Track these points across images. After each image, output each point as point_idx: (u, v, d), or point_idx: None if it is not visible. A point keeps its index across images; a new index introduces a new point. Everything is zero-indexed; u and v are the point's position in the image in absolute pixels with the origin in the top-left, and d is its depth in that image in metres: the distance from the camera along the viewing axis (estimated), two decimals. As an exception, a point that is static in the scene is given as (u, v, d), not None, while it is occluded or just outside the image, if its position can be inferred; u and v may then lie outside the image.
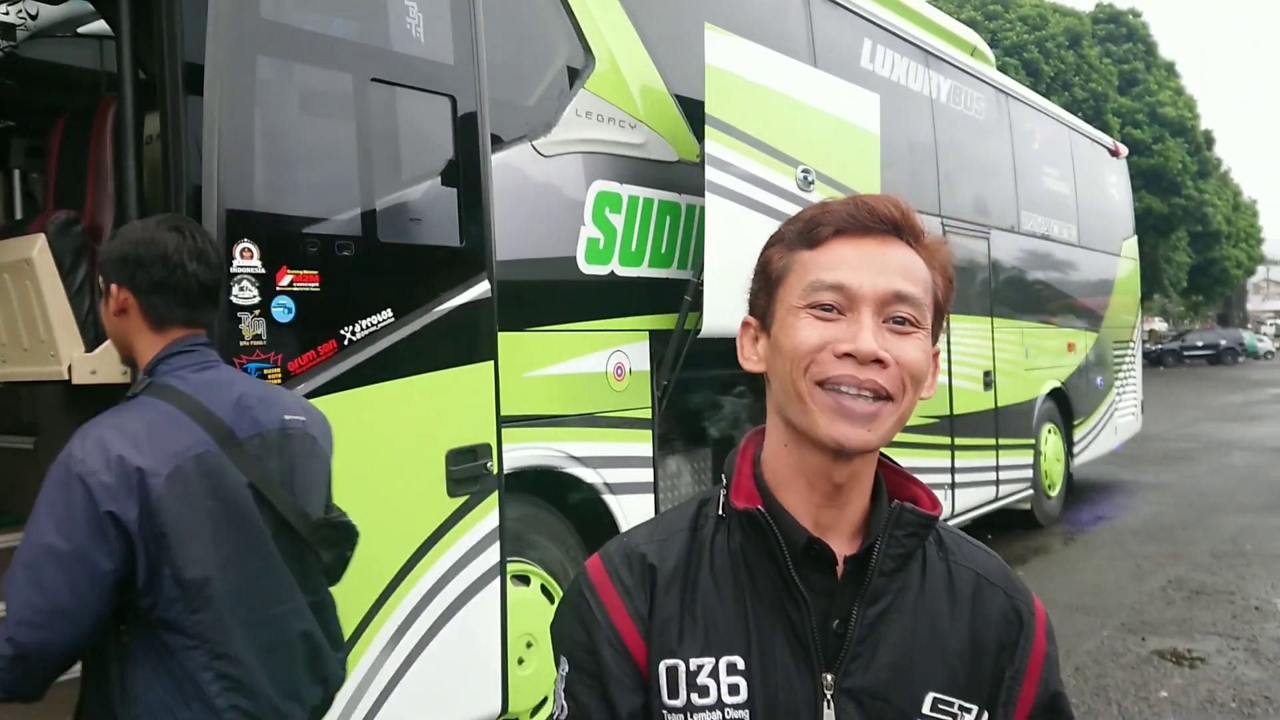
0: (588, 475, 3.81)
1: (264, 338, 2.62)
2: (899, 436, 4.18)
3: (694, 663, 1.02)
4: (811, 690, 1.00)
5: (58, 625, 1.71)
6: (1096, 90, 27.97)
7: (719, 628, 1.03)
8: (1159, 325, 54.36)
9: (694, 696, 1.01)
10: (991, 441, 7.14)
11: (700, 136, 4.13)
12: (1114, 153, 10.15)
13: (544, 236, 3.68)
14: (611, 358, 3.94)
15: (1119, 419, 9.98)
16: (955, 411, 6.58)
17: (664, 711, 1.01)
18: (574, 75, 3.90)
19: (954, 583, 1.08)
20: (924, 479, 4.70)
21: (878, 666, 1.01)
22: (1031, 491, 7.90)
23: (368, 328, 2.86)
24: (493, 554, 3.18)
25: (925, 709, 1.02)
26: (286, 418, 2.10)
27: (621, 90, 4.07)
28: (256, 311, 2.61)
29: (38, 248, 2.78)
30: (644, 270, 4.10)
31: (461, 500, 3.08)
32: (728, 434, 4.51)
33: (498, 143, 3.42)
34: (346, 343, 2.80)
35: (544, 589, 3.64)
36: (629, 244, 4.03)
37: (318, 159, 2.89)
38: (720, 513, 1.09)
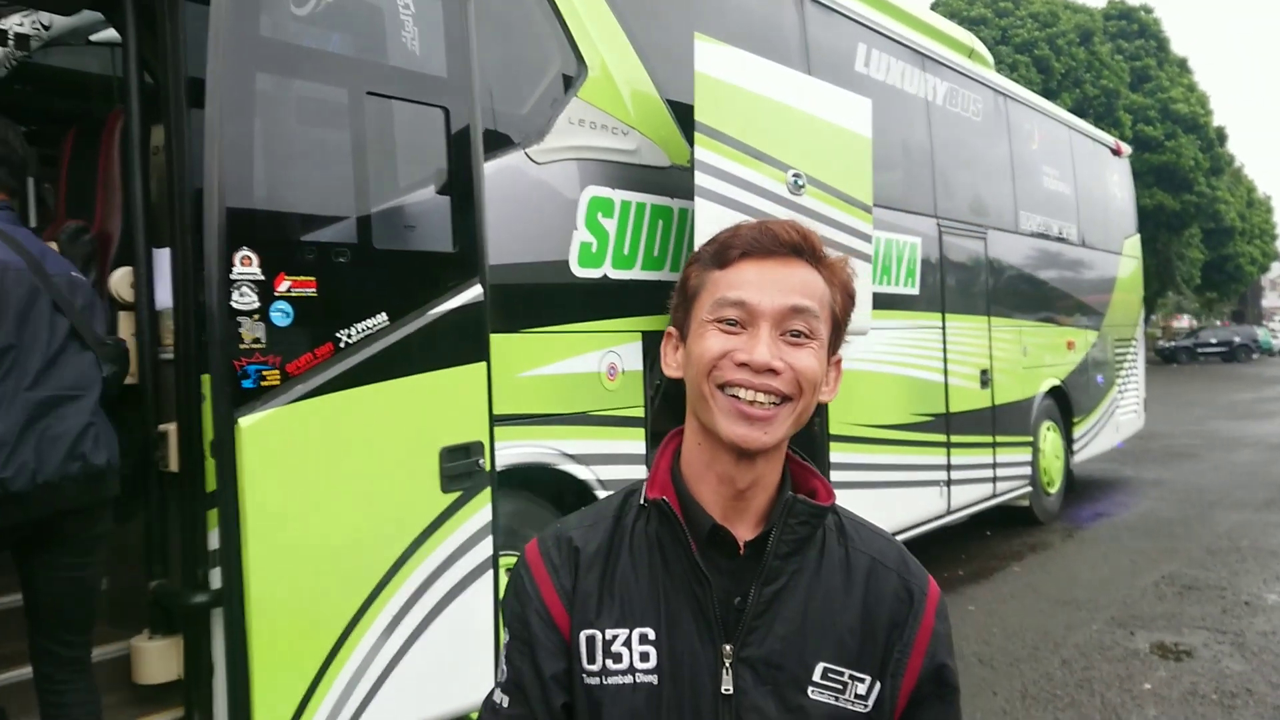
0: (581, 472, 3.93)
1: (263, 341, 2.75)
2: (894, 434, 4.39)
3: (609, 633, 1.16)
4: (713, 659, 1.14)
5: None
6: (1108, 87, 27.92)
7: (633, 602, 1.17)
8: (1183, 322, 54.09)
9: (609, 662, 1.15)
10: (989, 439, 7.23)
11: (691, 141, 4.24)
12: (1116, 152, 10.21)
13: (538, 241, 3.80)
14: (604, 358, 4.06)
15: (1120, 416, 10.04)
16: (951, 409, 6.67)
17: (583, 675, 1.16)
18: (567, 83, 4.02)
19: (850, 566, 1.21)
20: (919, 476, 4.90)
21: (772, 638, 1.15)
22: (1030, 489, 7.98)
23: (363, 331, 2.98)
24: (486, 547, 3.31)
25: (816, 677, 1.15)
26: (73, 273, 2.74)
27: (613, 97, 4.19)
28: (256, 316, 2.74)
29: (50, 256, 2.91)
30: (636, 273, 4.22)
31: (455, 496, 3.21)
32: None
33: (492, 150, 3.54)
34: (343, 345, 2.93)
35: (538, 582, 3.76)
36: (621, 248, 4.15)
37: (315, 169, 3.02)
38: (642, 502, 1.23)
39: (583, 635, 1.17)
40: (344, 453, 2.94)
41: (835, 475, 5.34)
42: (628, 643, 1.15)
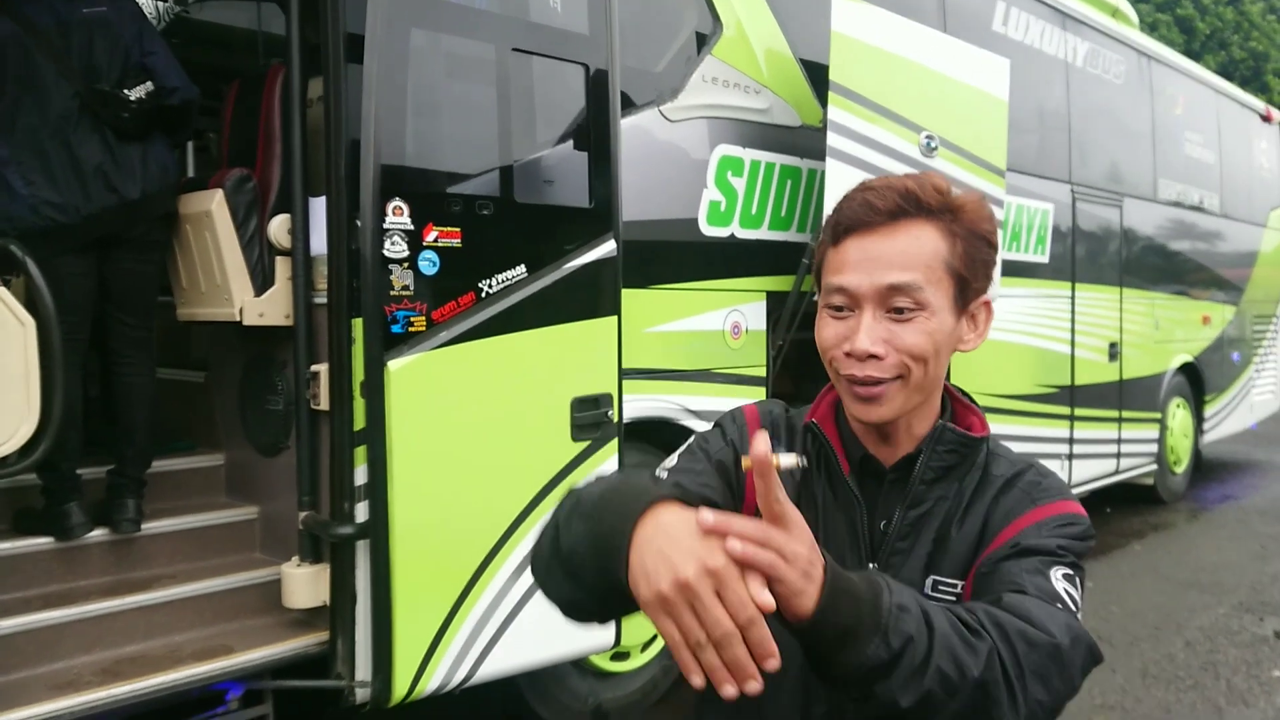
0: (702, 428, 3.98)
1: (411, 288, 2.88)
2: (1016, 405, 4.33)
3: None
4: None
5: None
6: (1257, 49, 26.30)
7: (807, 508, 1.22)
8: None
9: None
10: (1114, 414, 7.02)
11: (824, 102, 4.21)
12: (1266, 118, 9.67)
13: (668, 198, 3.84)
14: (729, 316, 4.09)
15: (1256, 397, 9.60)
16: (1076, 382, 6.50)
17: None
18: (701, 41, 4.03)
19: (986, 489, 1.22)
20: (1039, 449, 4.83)
21: (914, 561, 1.20)
22: (1155, 467, 7.73)
23: (503, 282, 3.09)
24: (611, 496, 3.40)
25: (927, 589, 1.19)
26: (84, 10, 3.04)
27: (747, 56, 4.18)
28: (405, 264, 2.86)
29: (216, 201, 3.09)
30: (763, 233, 4.22)
31: (584, 445, 3.31)
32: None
33: (627, 108, 3.59)
34: (484, 295, 3.04)
35: (657, 533, 3.85)
36: (749, 207, 4.16)
37: (462, 123, 3.12)
38: (805, 424, 1.31)
39: None
40: (483, 398, 3.06)
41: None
42: None
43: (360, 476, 2.90)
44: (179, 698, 2.85)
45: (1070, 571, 1.13)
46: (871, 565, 1.20)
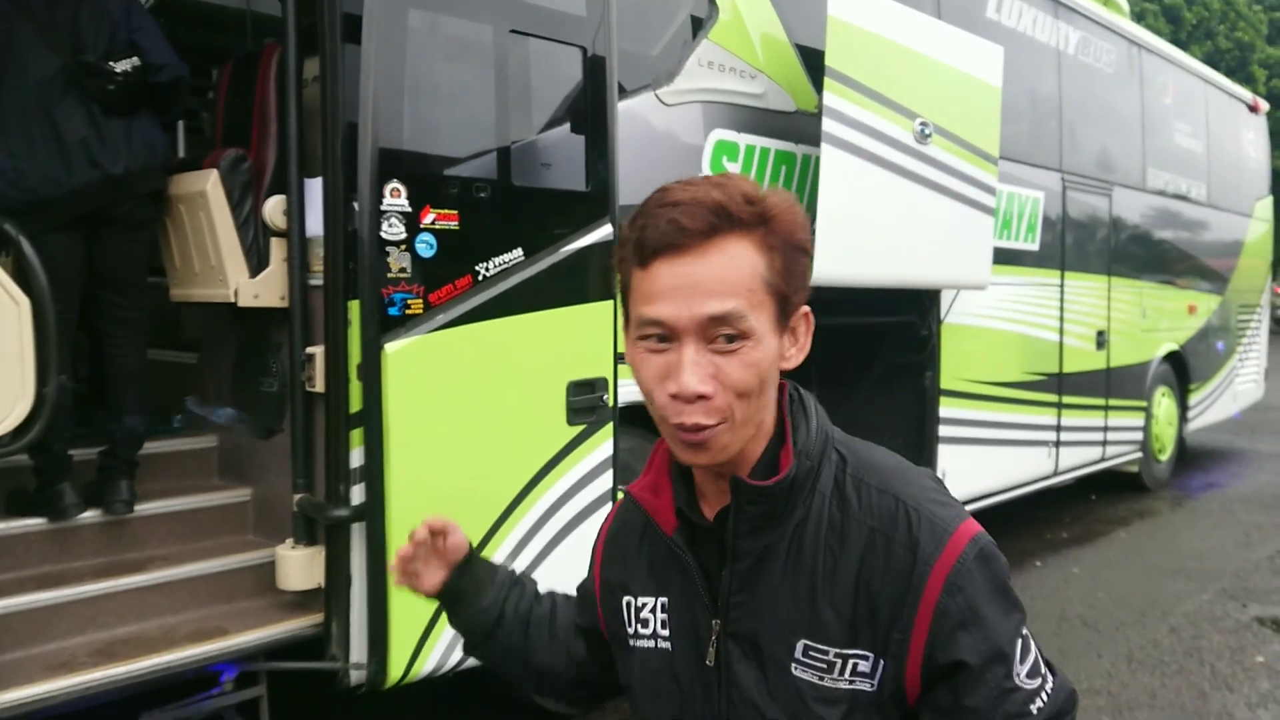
0: (696, 413, 3.99)
1: (408, 271, 2.87)
2: (1005, 392, 4.34)
3: (640, 600, 1.26)
4: (709, 631, 1.17)
5: None
6: (1242, 39, 26.45)
7: (655, 571, 1.25)
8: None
9: (639, 627, 1.26)
10: (1101, 402, 7.07)
11: (819, 87, 4.20)
12: (1253, 109, 9.71)
13: (663, 182, 3.82)
14: (723, 302, 4.09)
15: (1239, 385, 9.68)
16: (1064, 370, 6.54)
17: (629, 637, 1.28)
18: (697, 25, 4.02)
19: (844, 537, 1.11)
20: (1027, 436, 4.85)
21: (749, 615, 1.13)
22: (1140, 454, 7.79)
23: (500, 265, 3.08)
24: (606, 480, 3.41)
25: (798, 654, 1.11)
26: None
27: (743, 40, 4.17)
28: (402, 246, 2.85)
29: (211, 182, 3.07)
30: (758, 218, 4.21)
31: (579, 429, 3.31)
32: (834, 379, 4.63)
33: (622, 91, 3.57)
34: (481, 278, 3.03)
35: (650, 517, 3.86)
36: (744, 192, 4.14)
37: (460, 106, 3.10)
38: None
39: (624, 602, 1.28)
40: (479, 382, 3.05)
41: (944, 430, 5.31)
42: (653, 609, 1.24)
43: (356, 459, 2.90)
44: (174, 679, 2.85)
45: (1021, 633, 1.09)
46: (715, 622, 1.16)
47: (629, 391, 3.61)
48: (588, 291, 3.34)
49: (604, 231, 3.37)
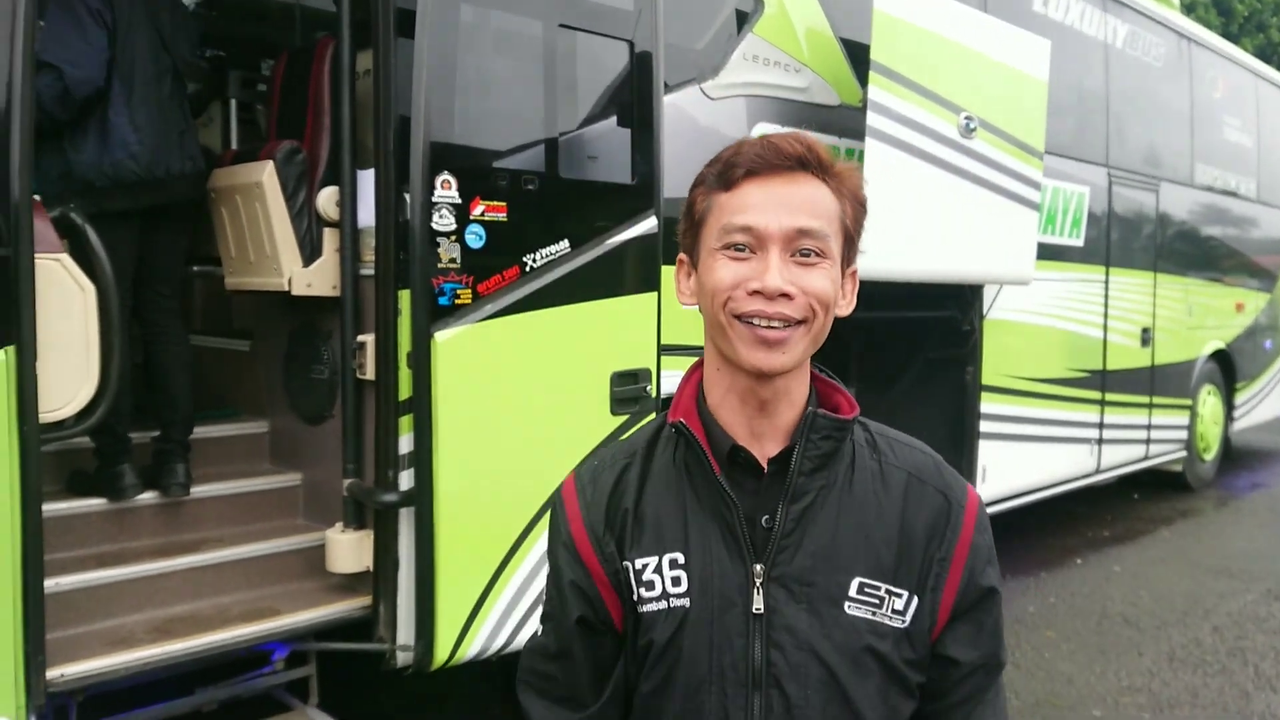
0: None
1: (458, 261, 2.92)
2: (1048, 389, 4.35)
3: (639, 562, 1.20)
4: (744, 578, 1.15)
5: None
6: (1296, 32, 25.83)
7: (663, 529, 1.20)
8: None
9: (643, 591, 1.19)
10: (1145, 399, 6.99)
11: (864, 81, 4.20)
12: (1307, 103, 9.52)
13: (707, 176, 3.86)
14: (765, 295, 4.11)
15: (1288, 385, 9.52)
16: (1108, 367, 6.48)
17: (636, 605, 1.20)
18: (742, 20, 4.03)
19: (885, 480, 1.20)
20: (1070, 433, 4.83)
21: (803, 555, 1.15)
22: (1184, 454, 7.70)
23: (547, 256, 3.12)
24: (648, 470, 3.44)
25: (852, 592, 1.15)
26: None
27: (788, 34, 4.18)
28: (453, 237, 2.90)
29: (267, 172, 3.14)
30: (801, 211, 4.22)
31: (623, 419, 3.35)
32: (875, 373, 4.63)
33: (667, 85, 3.60)
34: (528, 269, 3.08)
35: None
36: (788, 185, 4.16)
37: (509, 99, 3.15)
38: (667, 428, 1.26)
39: (622, 567, 1.21)
40: (526, 371, 3.10)
41: (985, 426, 5.29)
42: (658, 569, 1.18)
43: (405, 445, 2.95)
44: (227, 657, 2.93)
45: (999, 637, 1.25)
46: (758, 567, 1.15)
47: (671, 383, 3.64)
48: (631, 283, 3.38)
49: (648, 224, 3.41)
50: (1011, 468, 5.54)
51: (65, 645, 2.67)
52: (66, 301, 2.53)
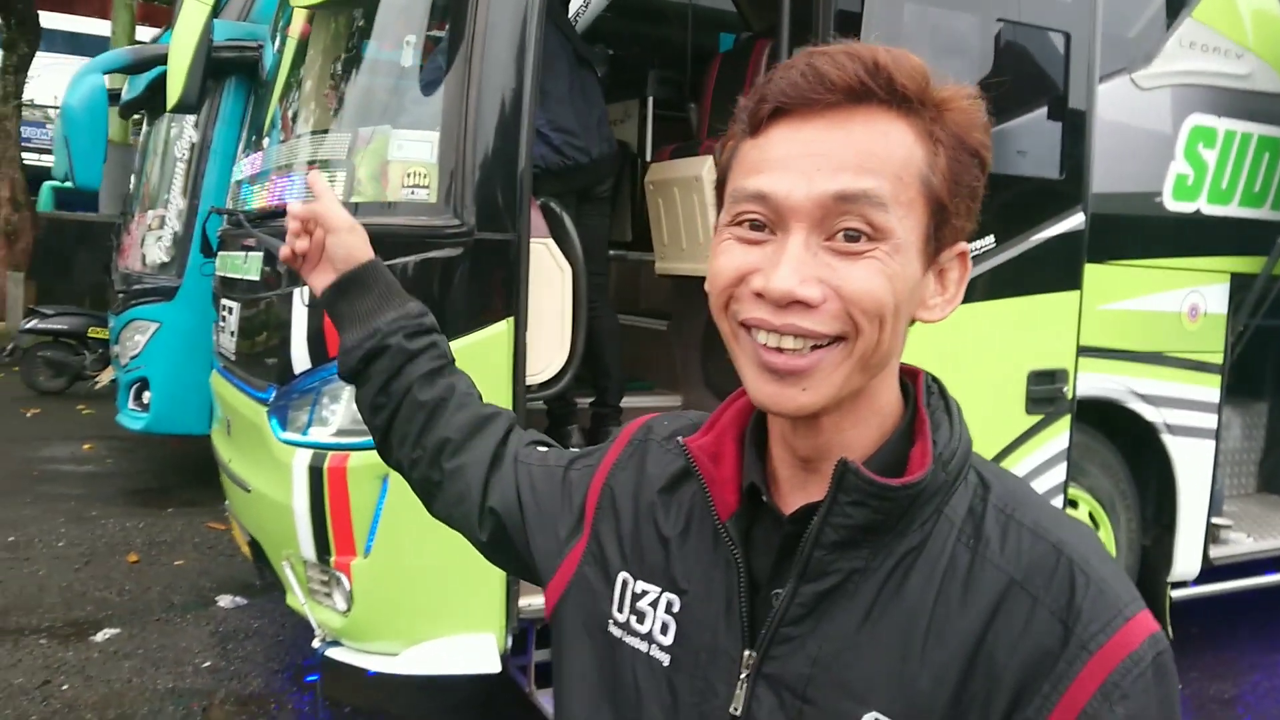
0: (1149, 413, 3.80)
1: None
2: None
3: (640, 585, 0.91)
4: (735, 663, 0.83)
5: None
6: None
7: (671, 558, 0.90)
8: None
9: (633, 620, 0.91)
10: None
11: (1322, 66, 3.82)
12: None
13: (1133, 171, 3.68)
14: (1187, 298, 3.86)
15: None
16: None
17: (611, 619, 0.92)
18: (1179, 3, 3.79)
19: (971, 581, 0.77)
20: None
21: (804, 657, 0.79)
22: None
23: (974, 251, 3.12)
24: (1059, 473, 3.37)
25: None
26: None
27: (1232, 17, 3.88)
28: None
29: (706, 167, 3.39)
30: (1232, 209, 3.92)
31: (1037, 419, 3.29)
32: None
33: (1100, 76, 3.47)
34: (955, 264, 3.10)
35: (1091, 516, 3.75)
36: (1220, 181, 3.88)
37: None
38: None
39: (619, 577, 0.93)
40: (946, 364, 3.11)
41: None
42: (654, 603, 0.89)
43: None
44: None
45: None
46: (746, 653, 0.82)
47: (1081, 386, 3.53)
48: (1054, 281, 3.31)
49: (1074, 221, 3.32)
50: None
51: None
52: (549, 280, 2.88)
